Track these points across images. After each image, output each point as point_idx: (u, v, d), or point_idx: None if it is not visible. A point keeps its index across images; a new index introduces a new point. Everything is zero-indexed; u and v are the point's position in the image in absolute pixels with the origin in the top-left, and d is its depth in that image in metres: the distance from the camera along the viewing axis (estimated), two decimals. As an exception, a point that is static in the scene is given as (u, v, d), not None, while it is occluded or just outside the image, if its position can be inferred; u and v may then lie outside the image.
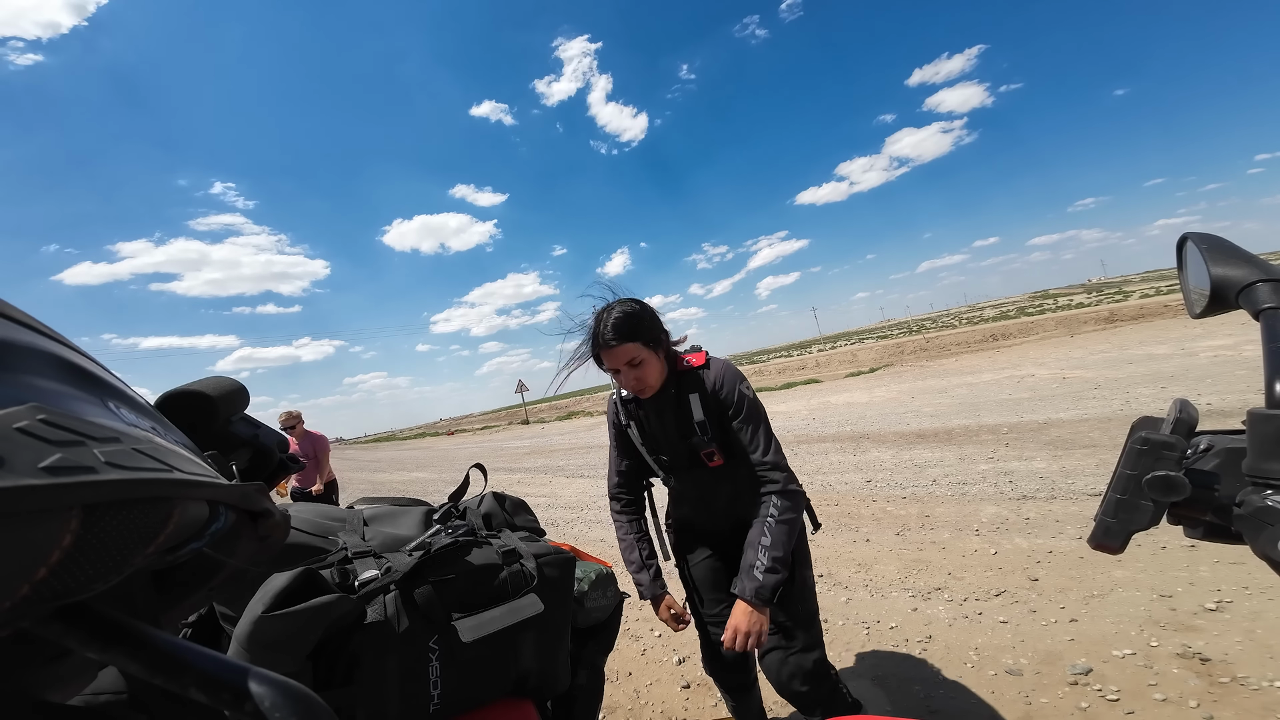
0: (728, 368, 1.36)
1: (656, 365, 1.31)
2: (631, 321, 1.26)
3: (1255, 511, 0.37)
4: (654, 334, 1.30)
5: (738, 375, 1.35)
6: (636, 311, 1.29)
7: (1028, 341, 17.38)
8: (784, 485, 1.27)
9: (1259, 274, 0.44)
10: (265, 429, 0.77)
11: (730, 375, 1.34)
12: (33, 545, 0.16)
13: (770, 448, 1.29)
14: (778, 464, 1.28)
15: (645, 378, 1.30)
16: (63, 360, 0.22)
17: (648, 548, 1.52)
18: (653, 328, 1.30)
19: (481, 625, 0.70)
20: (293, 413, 4.89)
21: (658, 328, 1.32)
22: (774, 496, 1.27)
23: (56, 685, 0.26)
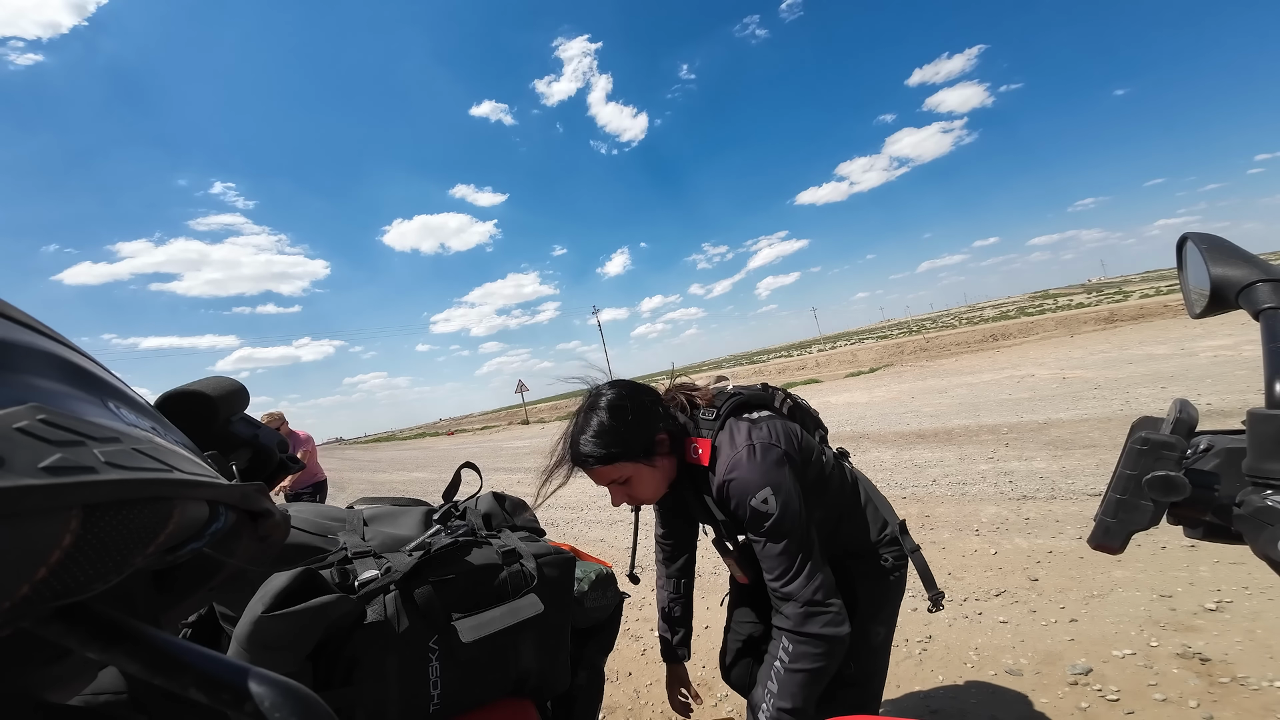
0: (737, 469, 0.98)
1: (653, 478, 1.05)
2: (613, 436, 0.99)
3: (1255, 511, 0.37)
4: (645, 443, 1.02)
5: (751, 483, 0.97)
6: (619, 419, 1.01)
7: (1028, 342, 17.38)
8: (795, 625, 0.94)
9: (1259, 274, 0.44)
10: (265, 429, 0.77)
11: (740, 486, 0.97)
12: (33, 545, 0.16)
13: (788, 573, 0.96)
14: (792, 596, 0.95)
15: (638, 494, 1.06)
16: (63, 360, 0.22)
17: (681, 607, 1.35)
18: (644, 434, 1.02)
19: (481, 625, 0.70)
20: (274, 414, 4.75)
21: (652, 429, 1.03)
22: (783, 636, 0.97)
23: (56, 685, 0.26)
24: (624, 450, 1.00)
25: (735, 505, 0.99)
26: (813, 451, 1.09)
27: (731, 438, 1.02)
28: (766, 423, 1.05)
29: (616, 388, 1.07)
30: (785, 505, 0.96)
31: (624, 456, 1.00)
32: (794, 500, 0.97)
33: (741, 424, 1.04)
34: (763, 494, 0.96)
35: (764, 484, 0.96)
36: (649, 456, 1.02)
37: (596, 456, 0.99)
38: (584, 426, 1.02)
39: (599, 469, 1.01)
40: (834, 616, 0.94)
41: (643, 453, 1.02)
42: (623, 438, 1.00)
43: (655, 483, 1.05)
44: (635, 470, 1.02)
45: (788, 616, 0.95)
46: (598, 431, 1.00)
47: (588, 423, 1.02)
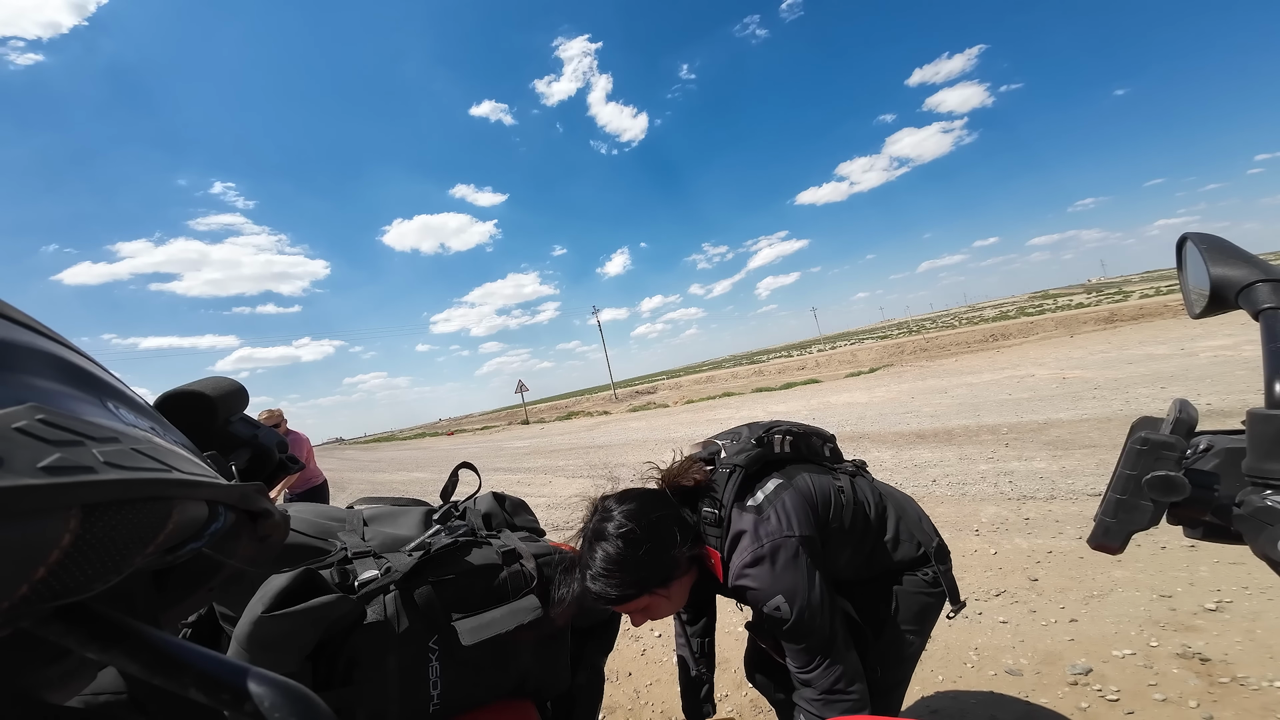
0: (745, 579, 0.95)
1: (673, 601, 0.99)
2: (627, 572, 0.89)
3: (1255, 511, 0.37)
4: (663, 572, 0.94)
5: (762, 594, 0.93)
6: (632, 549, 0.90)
7: (1028, 342, 17.38)
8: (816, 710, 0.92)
9: (1259, 274, 0.44)
10: (265, 429, 0.77)
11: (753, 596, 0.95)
12: (32, 545, 0.16)
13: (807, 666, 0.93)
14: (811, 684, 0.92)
15: (658, 616, 0.99)
16: (62, 360, 0.22)
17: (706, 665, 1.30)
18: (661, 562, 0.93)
19: (481, 627, 0.70)
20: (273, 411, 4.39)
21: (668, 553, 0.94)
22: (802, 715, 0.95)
23: (56, 685, 0.26)
24: (640, 586, 0.91)
25: (751, 605, 0.98)
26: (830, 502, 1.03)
27: (736, 541, 0.97)
28: (773, 504, 0.98)
29: (625, 506, 0.96)
30: (801, 609, 0.91)
31: (642, 592, 0.92)
32: (812, 597, 0.92)
33: (746, 516, 0.97)
34: (774, 602, 0.92)
35: (775, 592, 0.92)
36: (667, 584, 0.95)
37: (611, 599, 0.89)
38: (590, 561, 0.91)
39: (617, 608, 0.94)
40: (854, 704, 0.91)
41: (660, 582, 0.94)
42: (637, 572, 0.90)
43: (675, 604, 1.00)
44: (653, 600, 0.94)
45: (808, 701, 0.93)
46: (608, 569, 0.89)
47: (593, 556, 0.91)
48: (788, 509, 0.97)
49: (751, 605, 0.97)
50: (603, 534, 0.93)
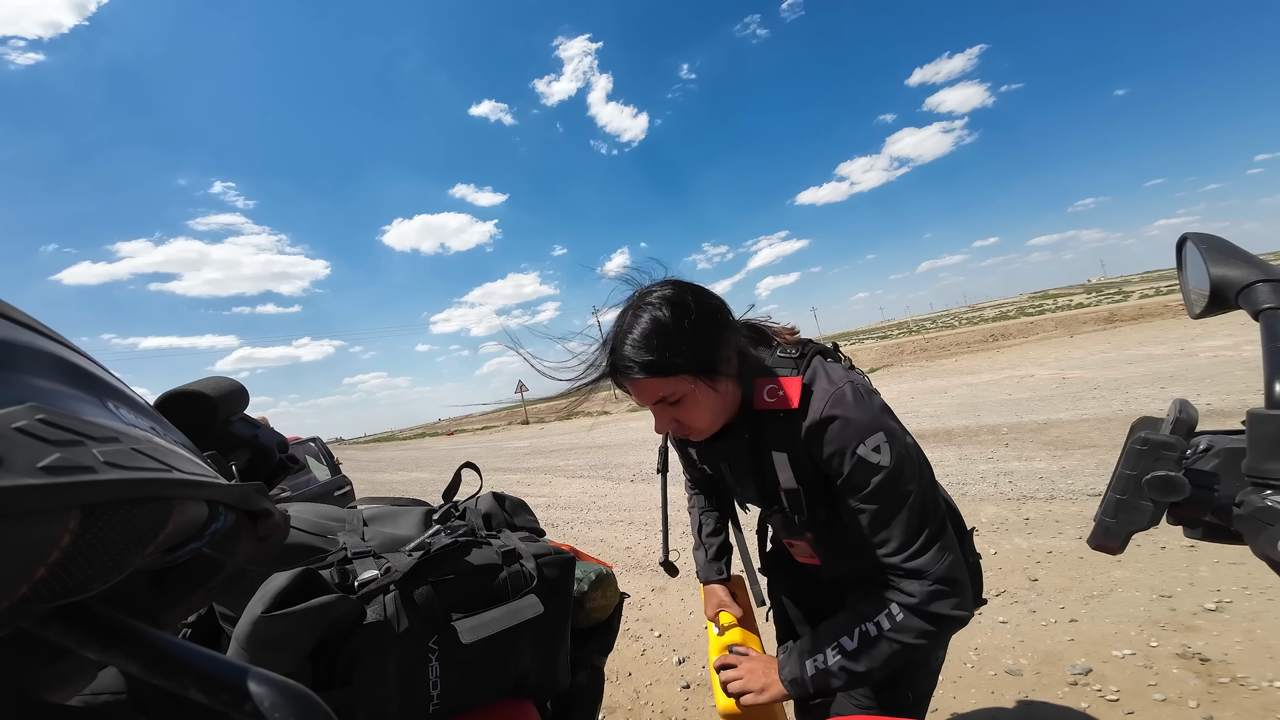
0: (839, 408, 0.78)
1: (711, 404, 0.83)
2: (670, 340, 0.77)
3: (1255, 511, 0.37)
4: (710, 355, 0.79)
5: (859, 427, 0.78)
6: (680, 319, 0.78)
7: (1028, 342, 17.38)
8: (920, 603, 0.77)
9: (1259, 274, 0.44)
10: (265, 429, 0.77)
11: (843, 428, 0.78)
12: (31, 545, 0.16)
13: (912, 545, 0.77)
14: (924, 572, 0.77)
15: (689, 421, 0.84)
16: (61, 360, 0.22)
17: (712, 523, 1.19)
18: (710, 344, 0.79)
19: (481, 626, 0.70)
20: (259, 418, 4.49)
21: (719, 340, 0.81)
22: (893, 604, 0.80)
23: (56, 685, 0.26)
24: (684, 360, 0.77)
25: (831, 454, 0.78)
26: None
27: (827, 375, 0.83)
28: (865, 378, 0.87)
29: (675, 284, 0.83)
30: (902, 457, 0.77)
31: (683, 368, 0.78)
32: (912, 453, 0.80)
33: (834, 366, 0.84)
34: (874, 440, 0.76)
35: (875, 428, 0.77)
36: (712, 374, 0.80)
37: (645, 364, 0.76)
38: (631, 326, 0.79)
39: (646, 382, 0.79)
40: (966, 599, 0.78)
41: (706, 367, 0.79)
42: (682, 344, 0.77)
43: (712, 410, 0.83)
44: (693, 389, 0.80)
45: (911, 594, 0.78)
46: (650, 332, 0.77)
47: (636, 321, 0.79)
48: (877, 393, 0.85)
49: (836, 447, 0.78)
50: (648, 301, 0.80)
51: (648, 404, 0.84)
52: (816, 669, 0.85)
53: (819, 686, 0.85)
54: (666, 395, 0.81)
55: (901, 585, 0.79)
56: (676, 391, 0.80)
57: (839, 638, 0.84)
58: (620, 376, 0.82)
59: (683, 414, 0.83)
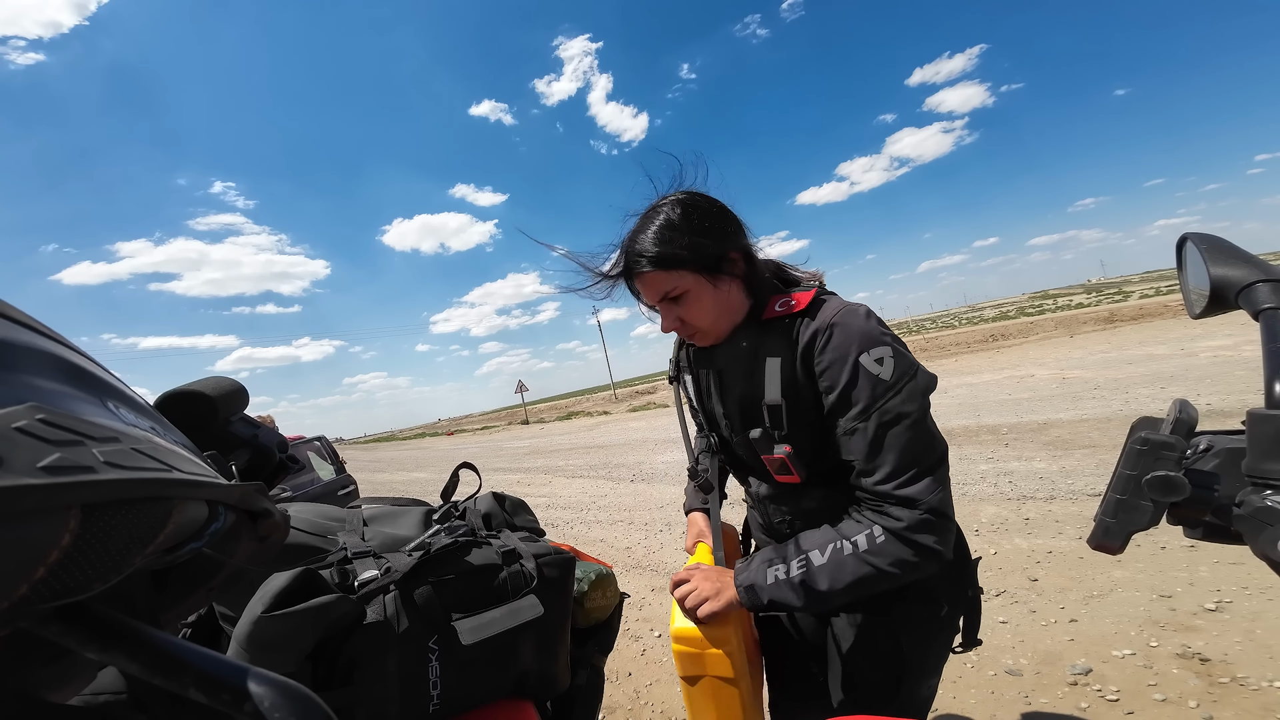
0: (847, 321, 0.78)
1: (714, 301, 0.85)
2: (678, 235, 0.81)
3: (1255, 512, 0.37)
4: (714, 253, 0.83)
5: (865, 335, 0.76)
6: (690, 218, 0.83)
7: (1027, 342, 17.38)
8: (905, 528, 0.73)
9: (1258, 274, 0.44)
10: (265, 429, 0.77)
11: (846, 333, 0.77)
12: (31, 545, 0.16)
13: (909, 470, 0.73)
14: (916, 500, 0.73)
15: (693, 319, 0.86)
16: (62, 360, 0.22)
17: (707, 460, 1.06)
18: (715, 242, 0.83)
19: (481, 626, 0.70)
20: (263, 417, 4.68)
21: (725, 240, 0.84)
22: (876, 526, 0.75)
23: (56, 685, 0.26)
24: (688, 254, 0.81)
25: (831, 361, 0.76)
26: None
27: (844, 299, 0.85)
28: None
29: (689, 192, 0.88)
30: (905, 375, 0.74)
31: (686, 263, 0.82)
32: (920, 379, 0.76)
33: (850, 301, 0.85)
34: (878, 350, 0.74)
35: (881, 341, 0.75)
36: (714, 271, 0.83)
37: (652, 256, 0.82)
38: (645, 225, 0.85)
39: (652, 275, 0.83)
40: (949, 539, 0.75)
41: (709, 264, 0.83)
42: (689, 240, 0.81)
43: (715, 309, 0.85)
44: (695, 284, 0.83)
45: (899, 519, 0.73)
46: (661, 227, 0.83)
47: (650, 222, 0.84)
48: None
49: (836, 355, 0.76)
50: (661, 206, 0.85)
51: (654, 301, 0.87)
52: (776, 578, 0.79)
53: (774, 598, 0.79)
54: (669, 290, 0.84)
55: (889, 510, 0.75)
56: (679, 286, 0.83)
57: (808, 551, 0.79)
58: (631, 272, 0.86)
59: (686, 311, 0.85)
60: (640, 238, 0.84)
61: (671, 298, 0.85)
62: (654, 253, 0.82)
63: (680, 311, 0.86)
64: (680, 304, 0.85)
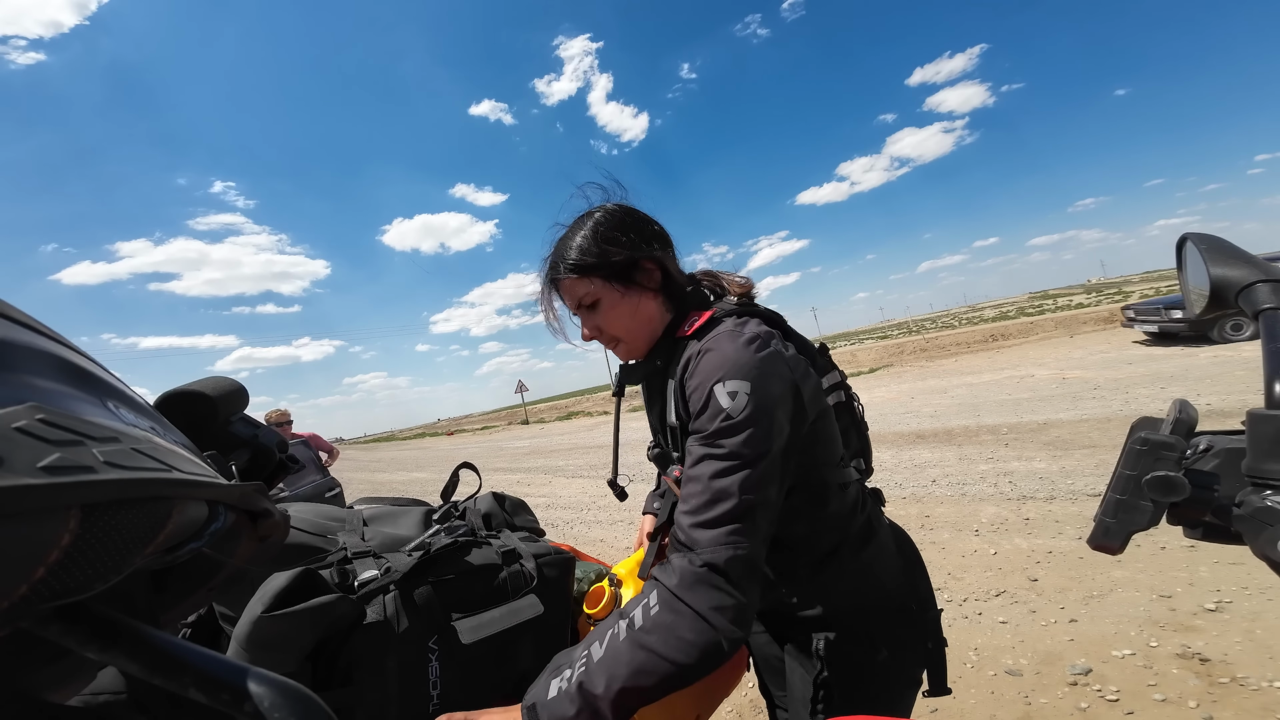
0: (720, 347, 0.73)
1: (624, 310, 0.84)
2: (588, 242, 0.83)
3: (1255, 512, 0.37)
4: (624, 262, 0.82)
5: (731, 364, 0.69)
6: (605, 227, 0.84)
7: (1027, 342, 17.37)
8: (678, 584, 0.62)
9: (1258, 274, 0.44)
10: (265, 429, 0.77)
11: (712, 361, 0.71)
12: (31, 545, 0.16)
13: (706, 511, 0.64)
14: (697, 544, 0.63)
15: (606, 327, 0.86)
16: (61, 360, 0.22)
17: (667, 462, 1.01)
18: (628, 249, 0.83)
19: (481, 626, 0.70)
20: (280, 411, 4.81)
21: (638, 250, 0.84)
22: (655, 590, 0.64)
23: (56, 685, 0.26)
24: (597, 261, 0.82)
25: (694, 387, 0.72)
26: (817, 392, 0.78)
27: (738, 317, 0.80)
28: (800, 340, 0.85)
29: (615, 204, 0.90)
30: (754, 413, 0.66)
31: (595, 270, 0.82)
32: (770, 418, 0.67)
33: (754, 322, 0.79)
34: (735, 384, 0.67)
35: (744, 374, 0.68)
36: (625, 281, 0.83)
37: (568, 263, 0.84)
38: (569, 234, 0.87)
39: (566, 281, 0.85)
40: (736, 610, 0.61)
41: (618, 273, 0.83)
42: (599, 247, 0.82)
43: (625, 317, 0.85)
44: (605, 293, 0.83)
45: (675, 570, 0.63)
46: (579, 234, 0.85)
47: (574, 230, 0.87)
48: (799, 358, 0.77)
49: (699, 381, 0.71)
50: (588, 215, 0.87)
51: (572, 309, 0.89)
52: (559, 690, 0.61)
53: (553, 715, 0.59)
54: (582, 297, 0.85)
55: (672, 556, 0.66)
56: (591, 293, 0.84)
57: (592, 644, 0.64)
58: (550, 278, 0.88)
59: (600, 320, 0.86)
60: (561, 244, 0.86)
61: (586, 305, 0.86)
62: (569, 260, 0.84)
63: (597, 320, 0.86)
64: (595, 312, 0.86)
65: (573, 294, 0.86)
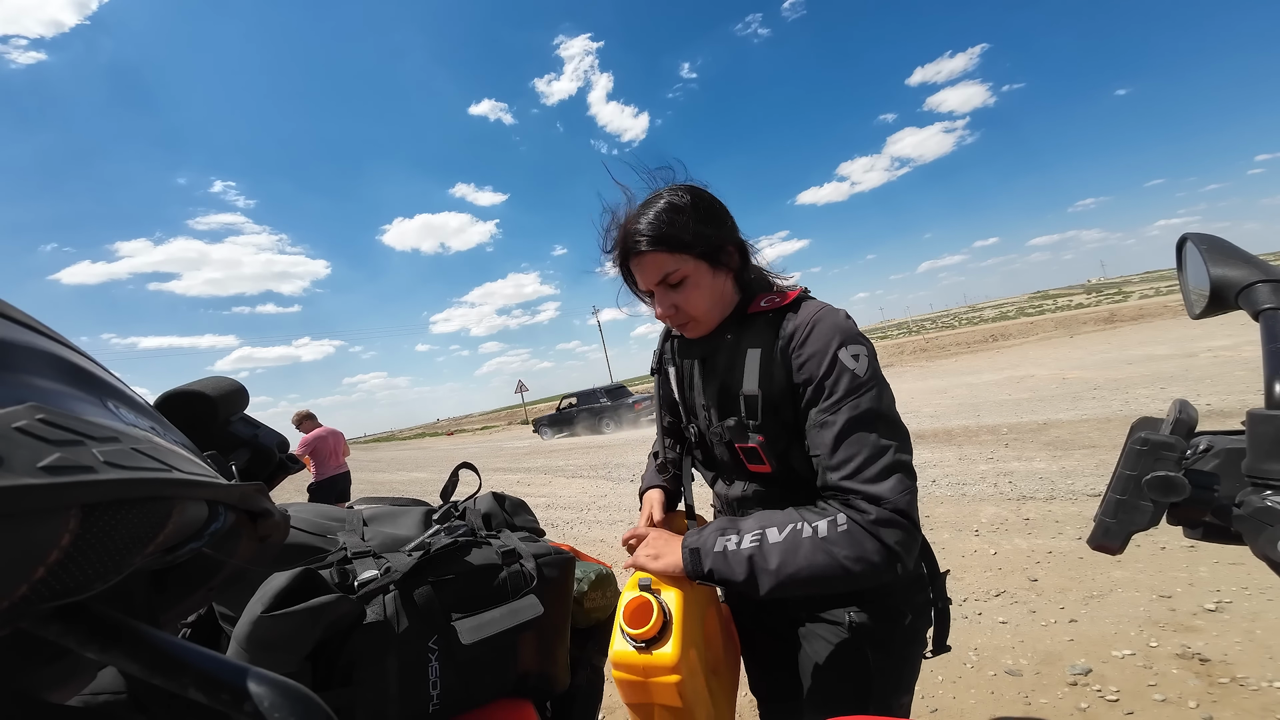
0: (828, 318, 0.80)
1: (711, 289, 0.86)
2: (677, 218, 0.83)
3: (1255, 512, 0.37)
4: (712, 241, 0.85)
5: (846, 331, 0.78)
6: (689, 204, 0.84)
7: (1027, 342, 17.38)
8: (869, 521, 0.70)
9: (1258, 275, 0.44)
10: (265, 429, 0.77)
11: (827, 329, 0.78)
12: (31, 545, 0.16)
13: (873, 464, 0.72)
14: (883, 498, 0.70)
15: (687, 305, 0.86)
16: (61, 360, 0.22)
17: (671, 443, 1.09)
18: (715, 232, 0.85)
19: (481, 626, 0.70)
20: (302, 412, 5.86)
21: (724, 233, 0.87)
22: (841, 514, 0.72)
23: (56, 685, 0.26)
24: (690, 239, 0.83)
25: (811, 354, 0.77)
26: None
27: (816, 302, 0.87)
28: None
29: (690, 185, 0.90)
30: (877, 376, 0.77)
31: (689, 247, 0.83)
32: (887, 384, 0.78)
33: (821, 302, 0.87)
34: (855, 348, 0.77)
35: (860, 340, 0.78)
36: (714, 260, 0.86)
37: (654, 238, 0.82)
38: (646, 208, 0.85)
39: (653, 256, 0.84)
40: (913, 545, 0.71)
41: (709, 251, 0.85)
42: (694, 226, 0.83)
43: (710, 297, 0.87)
44: (696, 270, 0.84)
45: (865, 512, 0.70)
46: (663, 211, 0.83)
47: (652, 205, 0.85)
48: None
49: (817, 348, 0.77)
50: (660, 195, 0.87)
51: (650, 284, 0.87)
52: (725, 548, 0.76)
53: (716, 567, 0.76)
54: (669, 273, 0.84)
55: (855, 503, 0.72)
56: (680, 270, 0.84)
57: (766, 528, 0.76)
58: (630, 250, 0.86)
59: (682, 298, 0.86)
60: (642, 219, 0.84)
61: (671, 283, 0.85)
62: (658, 233, 0.83)
63: (677, 298, 0.86)
64: (678, 290, 0.85)
65: (657, 268, 0.85)
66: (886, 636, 0.86)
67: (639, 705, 0.80)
